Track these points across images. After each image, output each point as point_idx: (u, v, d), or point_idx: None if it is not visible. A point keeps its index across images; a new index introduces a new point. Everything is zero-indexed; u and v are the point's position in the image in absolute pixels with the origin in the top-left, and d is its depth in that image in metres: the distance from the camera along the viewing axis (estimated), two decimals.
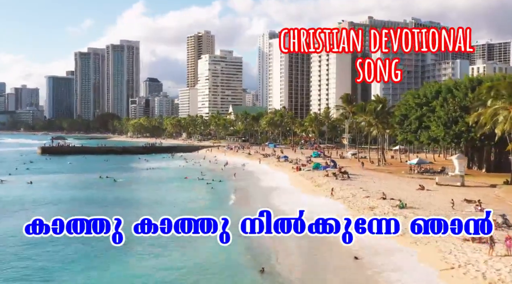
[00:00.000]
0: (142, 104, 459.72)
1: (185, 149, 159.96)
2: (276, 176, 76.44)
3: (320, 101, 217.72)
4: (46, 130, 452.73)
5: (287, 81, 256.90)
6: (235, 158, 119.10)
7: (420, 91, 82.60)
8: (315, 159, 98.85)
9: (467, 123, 65.98)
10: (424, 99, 78.54)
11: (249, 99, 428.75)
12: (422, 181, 60.30)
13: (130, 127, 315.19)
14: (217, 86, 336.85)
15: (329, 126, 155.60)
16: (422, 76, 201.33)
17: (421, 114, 77.11)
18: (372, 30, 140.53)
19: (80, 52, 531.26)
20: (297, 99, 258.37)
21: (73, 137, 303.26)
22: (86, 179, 79.08)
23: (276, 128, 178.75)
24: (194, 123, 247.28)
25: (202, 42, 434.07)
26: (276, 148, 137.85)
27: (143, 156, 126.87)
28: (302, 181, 65.45)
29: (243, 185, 69.62)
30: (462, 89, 72.72)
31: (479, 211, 38.95)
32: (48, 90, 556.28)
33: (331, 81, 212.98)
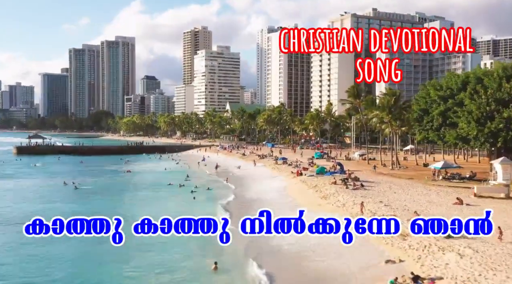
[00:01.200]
0: (138, 102, 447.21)
1: (176, 148, 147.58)
2: (272, 183, 63.95)
3: (321, 98, 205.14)
4: (39, 129, 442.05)
5: (286, 78, 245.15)
6: (228, 159, 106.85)
7: (443, 82, 69.85)
8: (318, 160, 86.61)
9: (506, 118, 53.85)
10: (448, 91, 66.19)
11: (247, 97, 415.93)
12: (454, 191, 48.23)
13: (123, 125, 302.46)
14: (214, 82, 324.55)
15: (332, 124, 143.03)
16: (430, 71, 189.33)
17: (446, 109, 64.70)
18: (372, 31, 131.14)
19: (74, 48, 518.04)
20: (297, 96, 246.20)
21: (64, 136, 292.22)
22: (48, 186, 66.87)
23: (274, 126, 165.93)
24: (188, 121, 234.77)
25: (199, 38, 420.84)
26: (274, 148, 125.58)
27: (126, 157, 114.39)
28: (304, 191, 53.01)
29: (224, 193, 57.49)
30: (495, 78, 60.38)
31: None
32: (43, 88, 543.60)
33: (332, 76, 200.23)
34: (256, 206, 45.95)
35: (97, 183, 69.08)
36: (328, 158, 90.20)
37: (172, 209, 46.54)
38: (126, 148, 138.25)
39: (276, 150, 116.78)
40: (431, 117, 67.27)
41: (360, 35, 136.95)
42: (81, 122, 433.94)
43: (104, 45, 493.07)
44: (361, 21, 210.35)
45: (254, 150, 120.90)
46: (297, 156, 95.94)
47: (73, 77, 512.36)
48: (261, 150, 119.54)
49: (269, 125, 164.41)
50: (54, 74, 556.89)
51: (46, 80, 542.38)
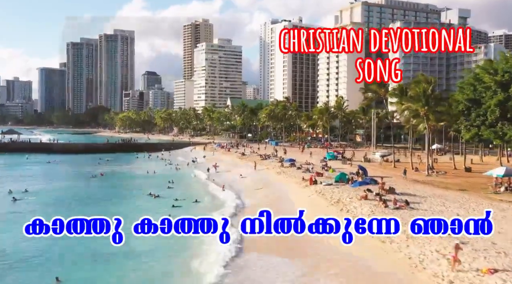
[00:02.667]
0: (136, 97, 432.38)
1: (168, 146, 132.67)
2: (280, 194, 48.92)
3: (329, 92, 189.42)
4: (35, 124, 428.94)
5: (291, 71, 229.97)
6: (226, 159, 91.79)
7: (498, 64, 54.18)
8: (331, 162, 71.62)
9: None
10: (506, 76, 50.89)
11: (250, 93, 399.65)
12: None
13: (118, 121, 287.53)
14: (215, 77, 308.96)
15: (343, 120, 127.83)
16: (447, 63, 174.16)
17: (505, 98, 49.46)
18: (372, 30, 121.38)
19: (72, 42, 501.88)
20: (302, 90, 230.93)
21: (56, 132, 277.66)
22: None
23: (278, 122, 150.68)
24: (186, 117, 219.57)
25: (200, 32, 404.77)
26: (278, 147, 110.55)
27: (107, 156, 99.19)
28: (323, 209, 37.86)
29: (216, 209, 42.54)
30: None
31: None
32: (41, 82, 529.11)
33: (341, 74, 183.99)
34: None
35: (50, 192, 53.89)
36: (343, 160, 74.92)
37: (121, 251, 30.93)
38: (108, 148, 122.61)
39: (280, 149, 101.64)
40: (484, 109, 51.91)
41: (360, 35, 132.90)
42: (78, 117, 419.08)
43: (102, 38, 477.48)
44: (372, 10, 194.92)
45: (255, 149, 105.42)
46: (306, 157, 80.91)
47: (71, 71, 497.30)
48: (264, 149, 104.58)
49: (272, 121, 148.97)
50: (52, 68, 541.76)
51: (43, 74, 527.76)
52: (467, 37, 59.41)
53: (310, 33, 72.57)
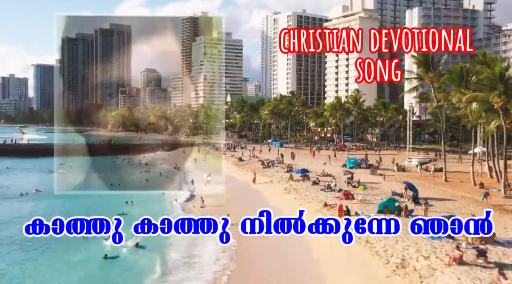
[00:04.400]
0: (133, 94, 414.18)
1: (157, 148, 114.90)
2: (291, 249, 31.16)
3: (338, 86, 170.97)
4: (28, 122, 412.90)
5: (295, 65, 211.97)
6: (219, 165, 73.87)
7: None
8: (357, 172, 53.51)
9: None
10: None
11: (251, 90, 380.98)
12: None
13: (111, 119, 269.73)
14: (214, 72, 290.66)
15: (359, 117, 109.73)
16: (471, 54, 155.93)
17: None
18: (372, 30, 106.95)
19: (67, 37, 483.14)
20: (307, 85, 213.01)
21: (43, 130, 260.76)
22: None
23: (282, 120, 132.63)
24: (181, 114, 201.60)
25: (199, 26, 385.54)
26: (283, 149, 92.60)
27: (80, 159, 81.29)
28: None
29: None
30: None
31: None
32: (36, 79, 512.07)
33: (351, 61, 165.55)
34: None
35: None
36: (373, 170, 56.68)
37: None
38: (73, 148, 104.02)
39: (286, 152, 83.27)
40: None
41: (360, 35, 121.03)
42: (71, 115, 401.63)
43: (98, 33, 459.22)
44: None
45: (256, 152, 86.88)
46: (319, 163, 62.99)
47: (66, 67, 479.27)
48: (267, 152, 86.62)
49: (275, 118, 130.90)
50: (47, 65, 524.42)
51: (38, 71, 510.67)
52: (467, 37, 53.88)
53: (310, 33, 67.60)
